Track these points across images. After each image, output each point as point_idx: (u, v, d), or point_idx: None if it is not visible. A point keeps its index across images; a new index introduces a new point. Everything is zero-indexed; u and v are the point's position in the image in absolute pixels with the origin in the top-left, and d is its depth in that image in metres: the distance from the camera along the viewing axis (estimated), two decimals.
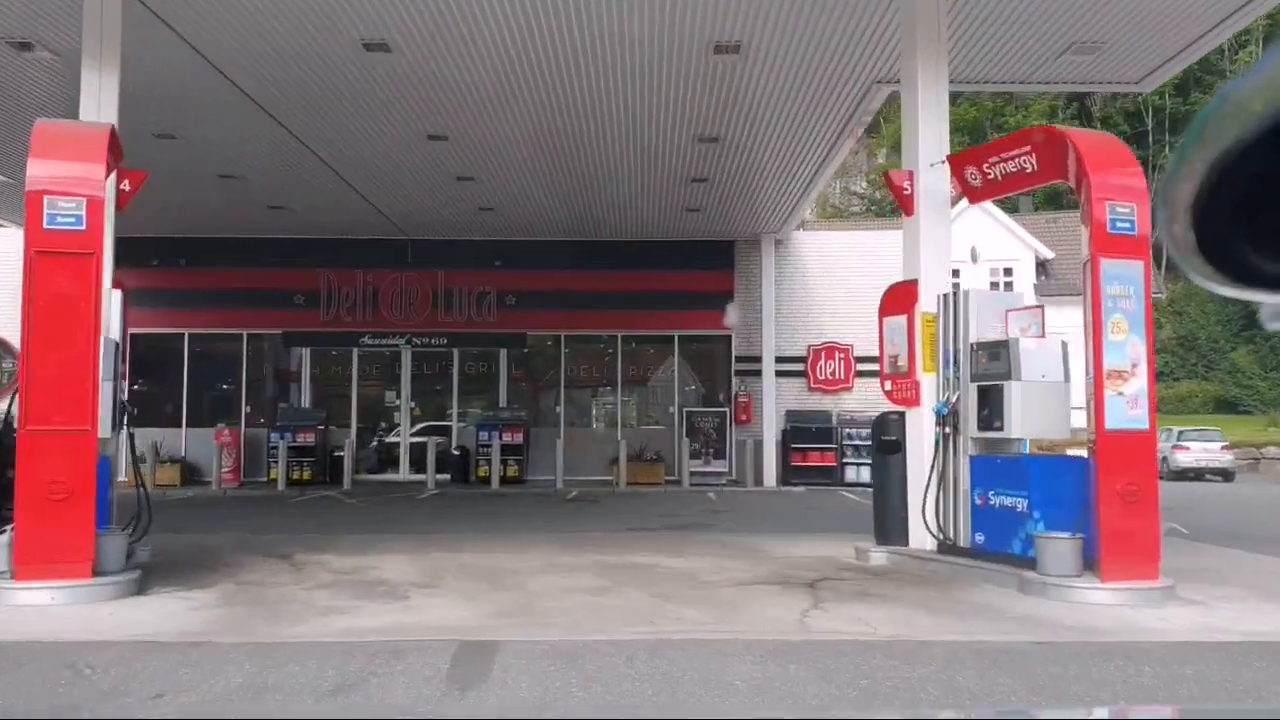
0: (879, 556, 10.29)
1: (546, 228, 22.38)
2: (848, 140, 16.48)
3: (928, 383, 10.24)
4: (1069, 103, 55.63)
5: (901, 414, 10.70)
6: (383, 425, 23.91)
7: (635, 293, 22.98)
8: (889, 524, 10.62)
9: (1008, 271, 40.21)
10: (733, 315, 22.92)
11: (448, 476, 22.56)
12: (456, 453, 22.60)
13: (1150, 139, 54.55)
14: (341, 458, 21.44)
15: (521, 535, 12.74)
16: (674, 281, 22.98)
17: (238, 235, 22.71)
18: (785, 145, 16.35)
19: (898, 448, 10.63)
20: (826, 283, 23.13)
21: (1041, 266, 40.75)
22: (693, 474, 21.67)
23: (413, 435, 23.57)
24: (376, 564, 9.90)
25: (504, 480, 21.74)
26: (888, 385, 10.96)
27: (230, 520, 15.01)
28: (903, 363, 10.67)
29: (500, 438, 22.14)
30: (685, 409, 22.48)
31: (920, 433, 10.28)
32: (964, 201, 15.68)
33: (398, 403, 23.32)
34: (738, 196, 19.92)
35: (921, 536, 10.06)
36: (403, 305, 23.05)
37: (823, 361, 22.92)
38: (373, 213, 21.13)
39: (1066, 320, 37.32)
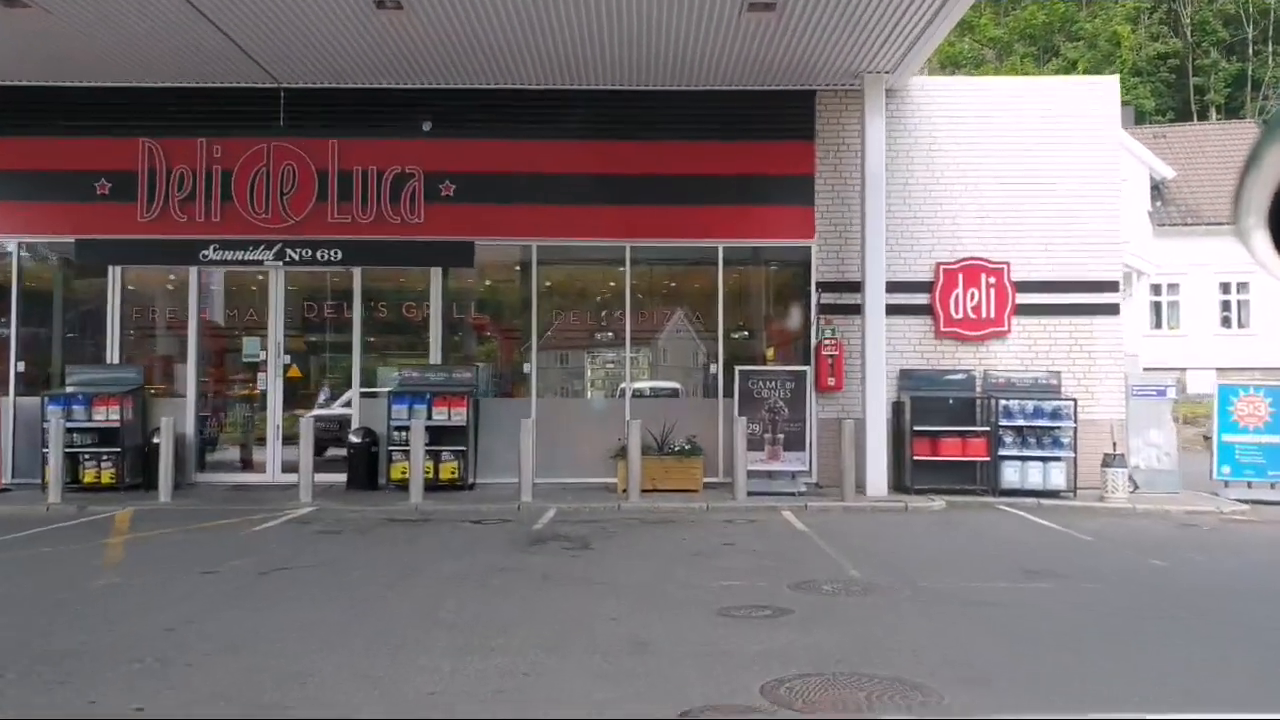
0: None
1: (506, 65, 13.38)
2: None
3: None
4: (1156, 4, 46.41)
5: None
6: (240, 391, 14.96)
7: (652, 178, 14.05)
8: None
9: None
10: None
11: (343, 478, 13.69)
12: (357, 440, 13.71)
13: (1250, 48, 45.48)
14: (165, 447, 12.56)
15: None
16: (717, 158, 14.03)
17: None
18: None
19: None
20: (969, 162, 14.19)
21: (1156, 189, 31.82)
22: (752, 474, 12.85)
23: (295, 411, 14.65)
24: None
25: (433, 485, 12.94)
26: None
27: None
28: None
29: (429, 414, 13.31)
30: (737, 368, 13.58)
31: None
32: None
33: (262, 356, 14.38)
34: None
35: None
36: (271, 197, 14.07)
37: (960, 291, 14.04)
38: (220, 43, 12.18)
39: (1190, 256, 28.28)
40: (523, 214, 14.02)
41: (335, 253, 13.96)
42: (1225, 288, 31.40)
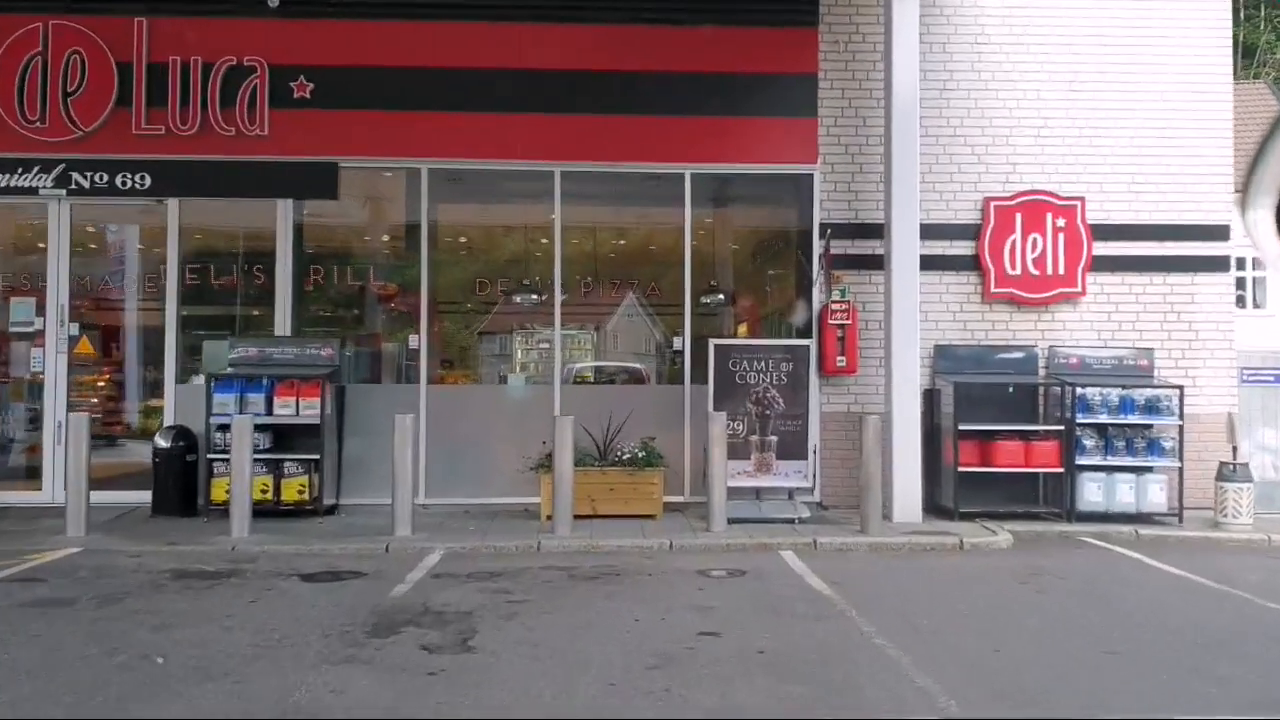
0: None
1: None
2: None
3: None
4: None
5: None
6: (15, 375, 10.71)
7: (592, 76, 10.06)
8: None
9: None
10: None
11: (148, 496, 9.53)
12: (165, 444, 9.50)
13: None
14: None
15: None
16: (683, 49, 10.05)
17: None
18: None
19: None
20: (1028, 62, 10.34)
21: None
22: (734, 493, 8.92)
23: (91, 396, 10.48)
24: None
25: (273, 510, 8.98)
26: None
27: None
28: None
29: (268, 407, 9.25)
30: (711, 342, 9.59)
31: None
32: None
33: (36, 325, 10.14)
34: None
35: None
36: (50, 98, 9.85)
37: (1017, 237, 10.17)
38: None
39: None
40: (409, 125, 9.95)
41: (142, 178, 9.83)
42: None
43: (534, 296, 10.96)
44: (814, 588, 6.83)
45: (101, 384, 10.69)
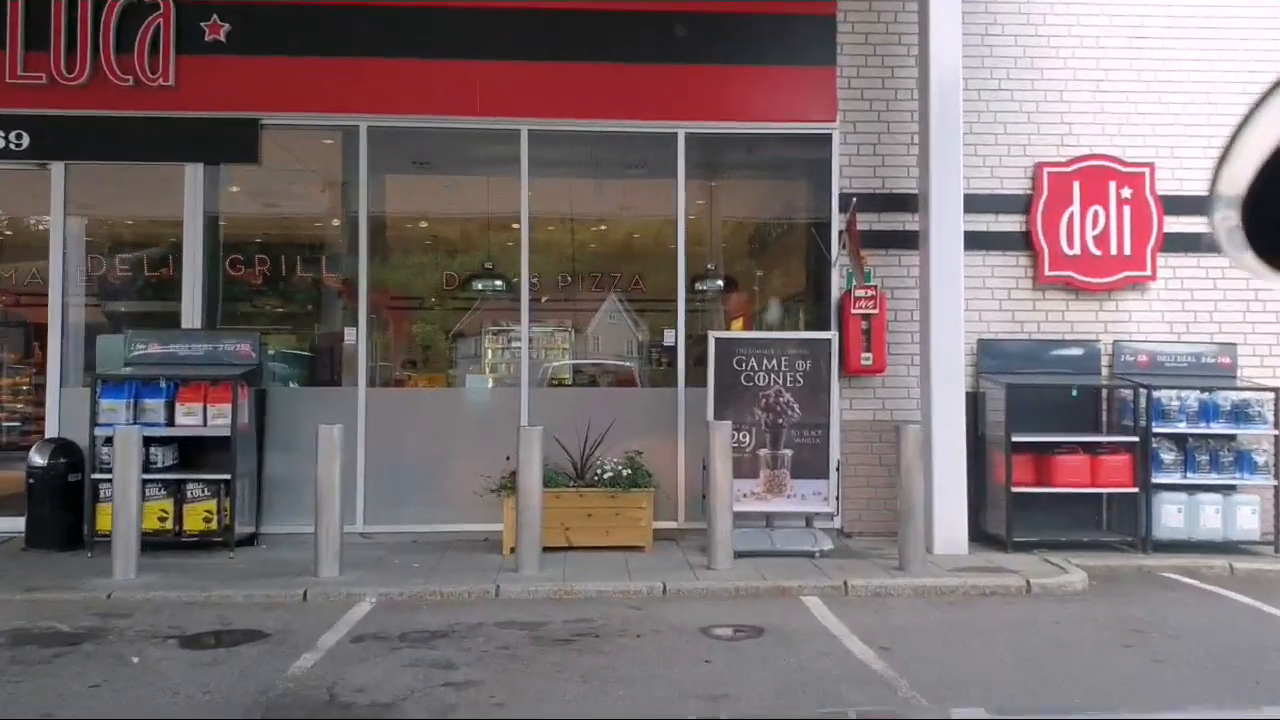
0: None
1: None
2: None
3: None
4: None
5: None
6: None
7: (567, 15, 8.33)
8: None
9: None
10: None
11: (20, 524, 7.76)
12: (41, 461, 7.72)
13: None
14: None
15: None
16: None
17: None
18: None
19: None
20: (1077, 8, 8.69)
21: None
22: (740, 518, 7.22)
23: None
24: None
25: (173, 543, 7.29)
26: None
27: None
28: None
29: (168, 416, 7.53)
30: (712, 335, 7.88)
31: None
32: None
33: None
34: None
35: None
36: None
37: (1075, 210, 8.50)
38: None
39: None
40: (345, 74, 8.22)
41: (18, 137, 8.09)
42: None
43: (497, 283, 9.25)
44: (857, 656, 5.15)
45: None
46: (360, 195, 8.31)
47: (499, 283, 9.27)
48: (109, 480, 7.15)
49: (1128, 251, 8.47)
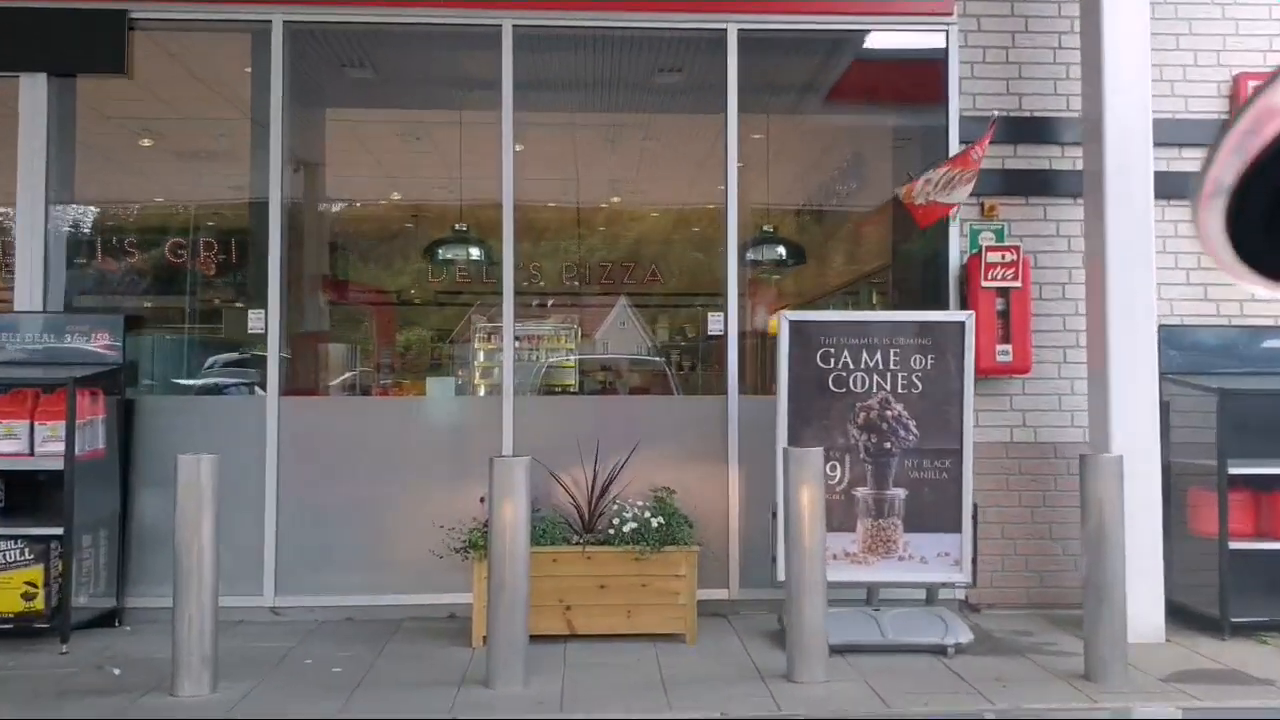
0: None
1: None
2: None
3: None
4: None
5: None
6: None
7: None
8: None
9: None
10: None
11: None
12: None
13: None
14: None
15: None
16: None
17: None
18: None
19: None
20: None
21: None
22: (837, 589, 4.68)
23: None
24: None
25: None
26: None
27: None
28: None
29: None
30: (785, 317, 5.37)
31: None
32: None
33: None
34: None
35: None
36: None
37: None
38: None
39: None
40: None
41: None
42: None
43: (473, 253, 6.73)
44: None
45: None
46: (274, 125, 5.78)
47: (475, 251, 6.73)
48: None
49: None
